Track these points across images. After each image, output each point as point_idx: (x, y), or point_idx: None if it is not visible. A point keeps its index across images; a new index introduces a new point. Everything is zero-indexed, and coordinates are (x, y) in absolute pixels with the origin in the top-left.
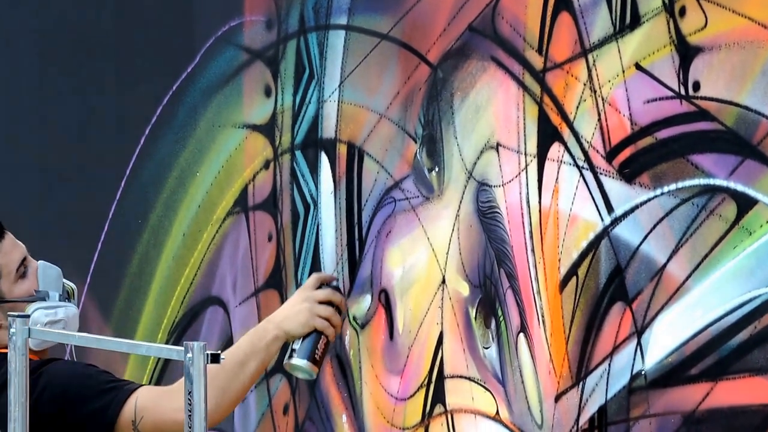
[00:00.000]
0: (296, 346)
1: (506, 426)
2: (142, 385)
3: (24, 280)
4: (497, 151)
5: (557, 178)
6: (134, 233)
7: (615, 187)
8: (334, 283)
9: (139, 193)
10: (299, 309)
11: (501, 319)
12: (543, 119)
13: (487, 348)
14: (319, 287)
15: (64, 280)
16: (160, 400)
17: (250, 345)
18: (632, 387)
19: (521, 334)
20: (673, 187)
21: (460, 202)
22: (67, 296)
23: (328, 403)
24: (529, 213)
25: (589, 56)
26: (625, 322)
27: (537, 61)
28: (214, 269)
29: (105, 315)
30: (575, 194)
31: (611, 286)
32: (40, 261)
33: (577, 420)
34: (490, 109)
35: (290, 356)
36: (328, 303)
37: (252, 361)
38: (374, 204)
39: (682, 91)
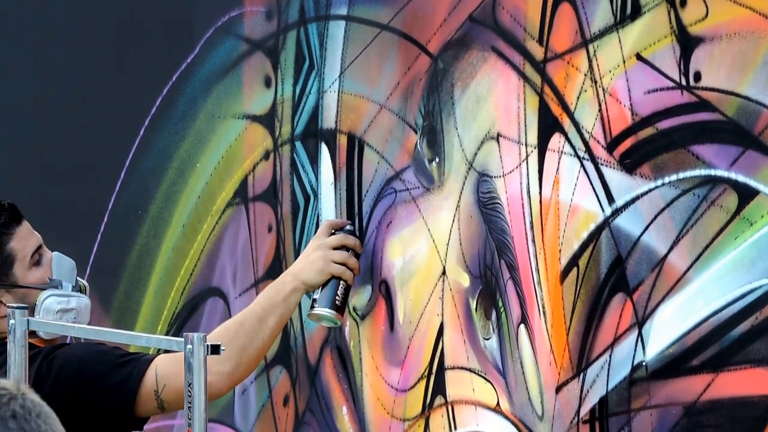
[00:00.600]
0: (316, 295)
1: (507, 417)
2: (158, 355)
3: (38, 267)
4: (498, 141)
5: (558, 169)
6: (134, 224)
7: (616, 177)
8: (347, 227)
9: (138, 185)
10: (314, 258)
11: (501, 310)
12: (543, 110)
13: (487, 339)
14: (332, 234)
15: (77, 278)
16: (181, 365)
17: (268, 300)
18: (633, 378)
19: (522, 325)
20: (674, 177)
21: (461, 192)
22: (79, 291)
23: (329, 395)
24: (530, 204)
25: (590, 46)
26: (626, 313)
27: (538, 52)
28: (214, 260)
29: (105, 306)
30: (576, 185)
31: (612, 276)
32: (54, 252)
33: (578, 411)
34: (491, 100)
35: (312, 307)
36: (343, 247)
37: (271, 316)
38: (374, 195)
39: (683, 82)
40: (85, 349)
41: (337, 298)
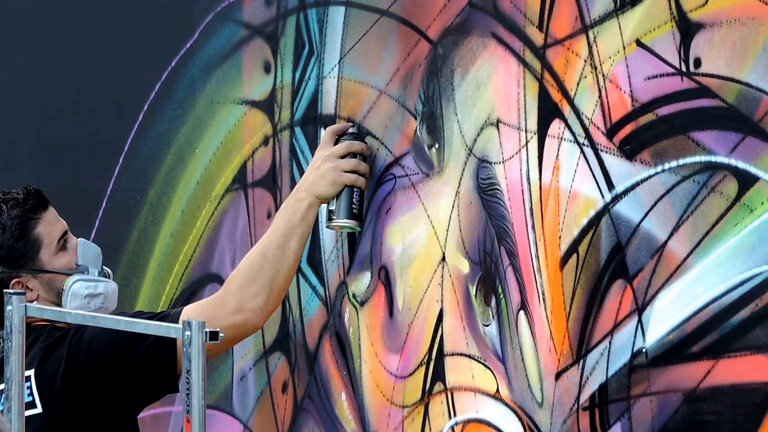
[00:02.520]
0: (332, 207)
1: (506, 404)
2: (181, 308)
3: (64, 252)
4: (497, 127)
5: (558, 155)
6: (132, 210)
7: (616, 163)
8: (351, 129)
9: (137, 170)
10: (323, 171)
11: (501, 296)
12: (543, 96)
13: (487, 326)
14: (337, 141)
15: (104, 267)
16: (212, 310)
17: (286, 223)
18: (633, 365)
19: (521, 312)
20: (674, 164)
21: (461, 178)
22: (105, 276)
23: (328, 381)
24: (530, 190)
25: (590, 32)
26: (625, 300)
27: (537, 38)
28: (213, 246)
29: None
30: (576, 171)
31: (612, 263)
32: (80, 238)
33: (578, 398)
34: (491, 86)
35: (329, 219)
36: (350, 154)
37: (292, 239)
38: (374, 181)
39: (683, 68)
40: None
41: (353, 206)
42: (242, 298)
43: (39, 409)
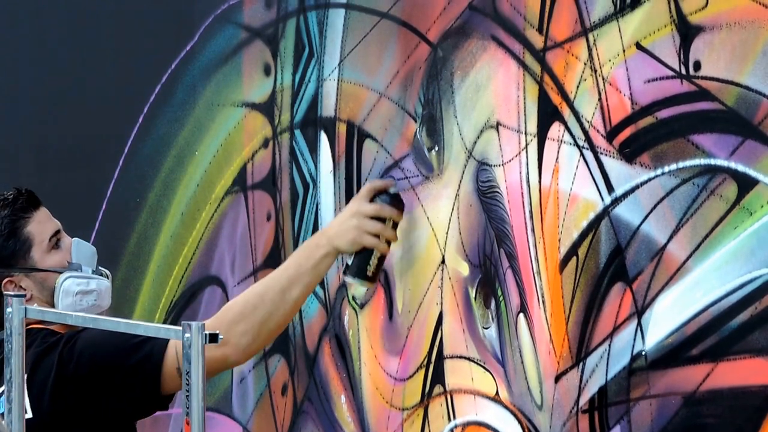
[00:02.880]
0: (349, 261)
1: (506, 406)
2: None
3: (57, 251)
4: (497, 130)
5: (557, 158)
6: (132, 212)
7: (615, 166)
8: (391, 189)
9: (137, 172)
10: (347, 227)
11: (501, 299)
12: (543, 99)
13: (486, 328)
14: (374, 198)
15: (100, 267)
16: None
17: (296, 267)
18: (632, 368)
19: (521, 315)
20: (673, 167)
21: (460, 181)
22: (100, 275)
23: (327, 384)
24: (529, 192)
25: (590, 35)
26: (625, 303)
27: (537, 41)
28: (213, 248)
29: None
30: (575, 174)
31: (611, 266)
32: (74, 237)
33: (577, 400)
34: (491, 89)
35: (344, 272)
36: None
37: (296, 286)
38: None
39: (683, 71)
40: (104, 332)
41: (368, 268)
42: (230, 333)
43: (29, 415)
